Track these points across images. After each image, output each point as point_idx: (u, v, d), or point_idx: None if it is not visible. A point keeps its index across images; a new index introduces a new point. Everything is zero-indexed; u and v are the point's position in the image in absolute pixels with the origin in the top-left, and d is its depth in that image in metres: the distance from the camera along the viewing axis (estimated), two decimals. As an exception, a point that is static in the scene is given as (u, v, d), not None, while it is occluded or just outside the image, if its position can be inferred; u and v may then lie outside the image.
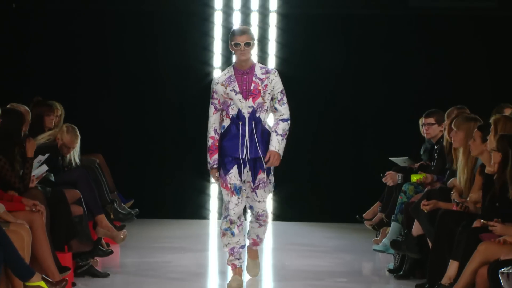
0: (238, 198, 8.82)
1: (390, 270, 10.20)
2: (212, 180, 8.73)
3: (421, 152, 11.56)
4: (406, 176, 10.81)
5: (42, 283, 7.76)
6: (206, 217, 13.36)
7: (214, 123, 8.88)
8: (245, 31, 8.81)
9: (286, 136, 8.84)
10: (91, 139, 11.93)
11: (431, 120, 10.78)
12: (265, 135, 8.86)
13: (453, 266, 8.14)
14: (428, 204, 9.09)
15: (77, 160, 10.88)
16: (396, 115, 13.09)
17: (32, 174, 9.28)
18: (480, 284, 7.33)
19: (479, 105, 10.67)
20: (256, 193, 8.92)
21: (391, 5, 13.43)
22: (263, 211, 9.10)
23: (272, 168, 8.90)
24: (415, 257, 9.63)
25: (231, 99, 8.79)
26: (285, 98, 8.88)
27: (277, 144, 8.78)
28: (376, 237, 11.46)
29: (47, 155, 9.84)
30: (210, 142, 8.87)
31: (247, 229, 9.30)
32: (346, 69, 13.44)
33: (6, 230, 7.70)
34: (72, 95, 12.74)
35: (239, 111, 8.79)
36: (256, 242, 9.37)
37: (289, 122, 8.88)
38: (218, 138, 8.86)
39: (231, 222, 8.88)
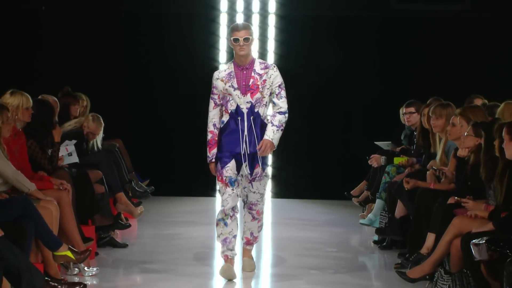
0: (232, 189, 8.04)
1: (375, 242, 10.23)
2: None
3: (402, 138, 11.58)
4: (389, 159, 10.84)
5: (69, 253, 7.78)
6: (213, 194, 13.35)
7: (214, 118, 8.10)
8: (244, 27, 8.02)
9: (282, 128, 8.07)
10: (112, 126, 11.96)
11: (412, 109, 10.78)
12: (264, 130, 8.07)
13: (430, 238, 8.16)
14: (409, 182, 9.11)
15: (99, 145, 10.89)
16: (381, 105, 13.07)
17: (61, 154, 9.32)
18: (454, 253, 7.34)
19: (452, 95, 10.67)
20: (252, 184, 8.15)
21: (376, 7, 13.42)
22: (257, 201, 8.25)
23: (269, 162, 8.23)
24: (399, 239, 9.65)
25: (229, 94, 8.00)
26: (283, 92, 8.10)
27: (271, 134, 8.00)
28: (363, 212, 11.48)
29: (74, 141, 9.85)
30: (209, 136, 8.10)
31: (242, 226, 8.50)
32: (336, 64, 13.44)
33: (36, 206, 7.71)
34: (96, 89, 12.68)
35: (238, 106, 8.00)
36: (250, 241, 8.47)
37: (286, 115, 8.10)
38: (217, 132, 8.10)
39: (225, 214, 8.12)
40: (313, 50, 13.43)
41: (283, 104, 8.09)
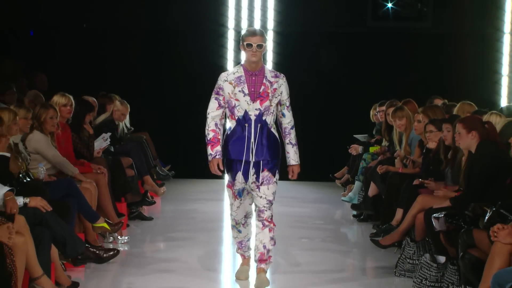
0: (240, 201, 6.71)
1: (354, 216, 10.23)
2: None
3: (374, 132, 11.60)
4: (366, 148, 10.85)
5: (105, 224, 7.79)
6: (222, 177, 13.31)
7: (215, 118, 6.53)
8: (258, 33, 6.57)
9: (297, 143, 6.78)
10: (140, 122, 12.01)
11: (383, 108, 10.77)
12: (271, 138, 6.60)
13: (399, 212, 8.16)
14: (382, 168, 9.12)
15: (128, 126, 10.89)
16: (359, 105, 12.99)
17: (100, 147, 9.32)
18: (418, 225, 7.34)
19: (417, 96, 10.65)
20: (259, 189, 6.62)
21: (355, 24, 13.39)
22: (264, 206, 6.66)
23: (278, 166, 6.73)
24: (370, 213, 9.68)
25: (237, 99, 6.49)
26: (290, 105, 6.72)
27: (295, 157, 6.72)
28: (344, 191, 11.48)
29: (109, 133, 9.85)
30: (211, 134, 6.50)
31: (254, 232, 6.93)
32: (324, 70, 13.39)
33: (79, 187, 7.72)
34: (126, 92, 12.63)
35: (246, 113, 6.49)
36: (263, 257, 6.71)
37: (294, 127, 6.78)
38: (219, 132, 6.55)
39: (236, 222, 6.85)
40: (304, 59, 13.39)
41: (292, 117, 6.72)
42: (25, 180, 7.19)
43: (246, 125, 6.50)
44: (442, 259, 6.52)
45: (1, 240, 5.50)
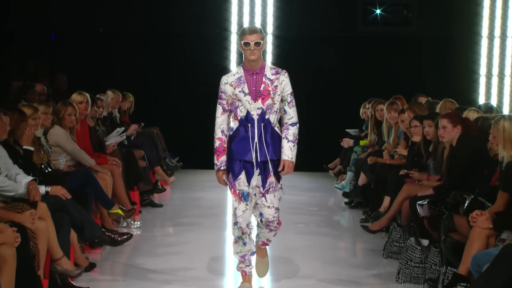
0: (246, 204, 5.83)
1: (345, 203, 10.23)
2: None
3: (363, 127, 11.60)
4: (356, 141, 10.85)
5: (119, 211, 7.81)
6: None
7: (222, 124, 5.83)
8: (255, 30, 5.80)
9: (296, 141, 5.88)
10: (152, 118, 12.00)
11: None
12: (275, 137, 5.83)
13: (386, 200, 8.17)
14: (371, 159, 9.13)
15: (118, 114, 10.87)
16: (351, 102, 12.97)
17: (115, 141, 9.29)
18: (404, 211, 7.34)
19: (403, 94, 10.63)
20: (265, 198, 5.86)
21: (346, 29, 13.37)
22: (273, 217, 5.93)
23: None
24: (360, 200, 9.70)
25: (239, 100, 5.79)
26: (294, 101, 5.95)
27: (289, 152, 5.79)
28: (336, 181, 11.48)
29: (123, 128, 9.84)
30: (217, 143, 5.83)
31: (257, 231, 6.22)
32: (316, 70, 13.38)
33: (96, 176, 7.72)
34: (138, 90, 12.63)
35: (248, 112, 5.77)
36: (265, 243, 6.22)
37: (297, 125, 5.92)
38: (225, 139, 5.83)
39: (242, 232, 5.90)
40: (301, 60, 13.37)
41: (294, 113, 5.92)
42: (46, 171, 7.19)
43: (249, 125, 5.77)
44: (425, 242, 6.52)
45: (25, 225, 5.52)
